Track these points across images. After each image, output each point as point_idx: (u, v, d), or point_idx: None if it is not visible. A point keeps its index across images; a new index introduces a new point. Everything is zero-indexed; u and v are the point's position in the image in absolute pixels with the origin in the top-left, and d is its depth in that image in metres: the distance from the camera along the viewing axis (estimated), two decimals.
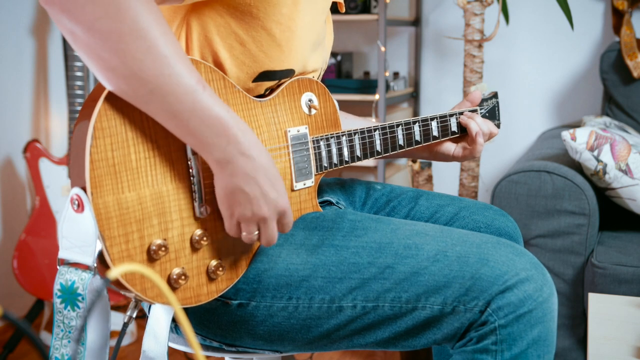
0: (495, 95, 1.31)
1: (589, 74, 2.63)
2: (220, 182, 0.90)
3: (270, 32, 0.98)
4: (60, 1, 0.79)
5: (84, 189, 0.84)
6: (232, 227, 0.92)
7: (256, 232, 0.92)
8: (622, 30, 2.34)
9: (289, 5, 0.97)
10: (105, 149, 0.84)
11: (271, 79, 1.01)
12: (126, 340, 2.35)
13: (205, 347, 1.06)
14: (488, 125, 1.22)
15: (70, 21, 0.80)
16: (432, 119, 1.20)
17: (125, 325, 0.91)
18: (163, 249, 0.88)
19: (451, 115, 1.22)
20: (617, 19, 2.41)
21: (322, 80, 1.15)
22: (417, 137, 1.18)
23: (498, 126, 1.32)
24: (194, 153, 0.91)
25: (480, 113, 1.28)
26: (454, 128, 1.23)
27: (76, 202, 0.84)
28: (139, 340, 2.36)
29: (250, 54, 0.98)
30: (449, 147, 1.24)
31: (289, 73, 1.03)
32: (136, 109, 0.87)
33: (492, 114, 1.31)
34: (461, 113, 1.23)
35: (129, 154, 0.86)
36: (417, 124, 1.18)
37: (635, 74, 2.29)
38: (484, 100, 1.29)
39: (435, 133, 1.21)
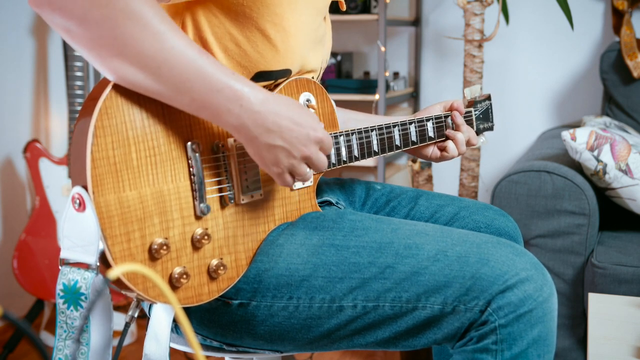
0: (488, 97, 1.31)
1: (589, 74, 2.64)
2: (252, 149, 0.91)
3: (265, 33, 0.97)
4: (49, 0, 0.79)
5: (85, 187, 0.84)
6: (287, 180, 0.94)
7: (308, 170, 0.95)
8: (622, 30, 2.34)
9: (284, 5, 0.97)
10: (107, 147, 0.84)
11: (267, 79, 1.01)
12: (126, 340, 2.35)
13: (206, 347, 1.06)
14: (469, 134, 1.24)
15: (63, 18, 0.80)
16: (427, 120, 1.20)
17: (128, 325, 0.91)
18: (164, 247, 0.88)
19: (446, 116, 1.22)
20: (617, 19, 2.41)
21: (322, 80, 1.15)
22: (414, 138, 1.19)
23: (492, 128, 1.32)
24: (195, 151, 0.92)
25: (475, 115, 1.28)
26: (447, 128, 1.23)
27: (77, 201, 0.84)
28: (139, 340, 2.36)
29: (245, 55, 0.98)
30: (428, 148, 1.25)
31: (286, 73, 1.03)
32: (137, 107, 0.87)
33: (486, 116, 1.31)
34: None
35: (129, 153, 0.86)
36: (413, 124, 1.18)
37: (635, 74, 2.29)
38: (477, 102, 1.29)
39: (431, 134, 1.21)
